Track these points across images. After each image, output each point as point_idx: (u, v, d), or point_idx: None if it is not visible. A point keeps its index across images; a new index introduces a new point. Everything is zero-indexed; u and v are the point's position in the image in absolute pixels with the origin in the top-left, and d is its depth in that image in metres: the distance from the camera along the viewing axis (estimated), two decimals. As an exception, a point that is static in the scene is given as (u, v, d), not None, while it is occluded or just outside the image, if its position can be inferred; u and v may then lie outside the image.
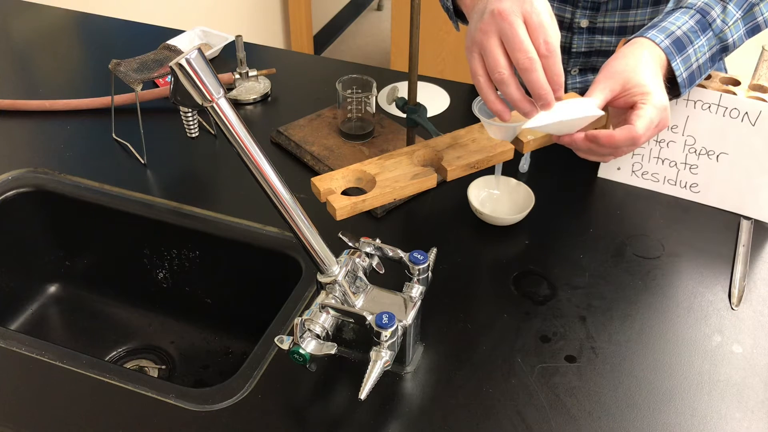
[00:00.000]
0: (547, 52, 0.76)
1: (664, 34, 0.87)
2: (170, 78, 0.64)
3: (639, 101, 0.82)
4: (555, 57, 0.76)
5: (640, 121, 0.80)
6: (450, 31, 2.63)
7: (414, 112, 1.01)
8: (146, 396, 0.78)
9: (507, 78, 0.77)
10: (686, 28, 0.88)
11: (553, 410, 0.76)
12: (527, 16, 0.76)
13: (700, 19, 0.88)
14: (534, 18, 0.75)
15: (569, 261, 0.93)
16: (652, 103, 0.81)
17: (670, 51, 0.87)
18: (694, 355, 0.82)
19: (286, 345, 0.73)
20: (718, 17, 0.89)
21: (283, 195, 0.69)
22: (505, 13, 0.75)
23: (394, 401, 0.78)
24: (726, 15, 0.89)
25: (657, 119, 0.82)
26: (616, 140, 0.80)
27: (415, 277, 0.77)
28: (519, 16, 0.75)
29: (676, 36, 0.87)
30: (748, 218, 0.99)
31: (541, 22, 0.76)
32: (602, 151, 0.83)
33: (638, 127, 0.80)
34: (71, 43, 1.44)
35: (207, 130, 1.16)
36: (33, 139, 1.16)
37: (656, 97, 0.82)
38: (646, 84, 0.83)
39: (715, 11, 0.89)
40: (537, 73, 0.76)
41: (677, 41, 0.87)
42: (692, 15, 0.89)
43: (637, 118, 0.81)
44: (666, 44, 0.87)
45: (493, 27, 0.76)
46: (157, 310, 1.11)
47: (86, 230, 1.09)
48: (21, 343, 0.83)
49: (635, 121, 0.81)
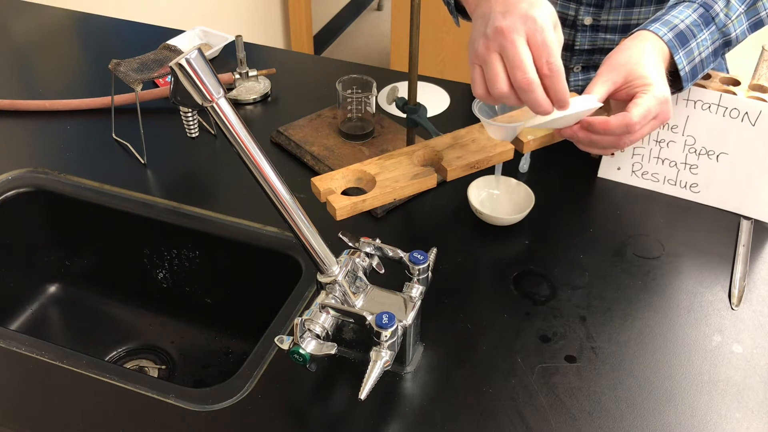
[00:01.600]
0: (550, 72, 0.75)
1: (667, 27, 0.88)
2: (170, 78, 0.64)
3: (640, 92, 0.82)
4: (558, 76, 0.75)
5: (636, 109, 0.81)
6: (450, 32, 2.63)
7: (414, 112, 1.01)
8: (146, 396, 0.78)
9: (506, 93, 0.77)
10: (689, 22, 0.88)
11: (553, 410, 0.76)
12: (530, 35, 0.75)
13: (704, 13, 0.89)
14: (537, 37, 0.75)
15: (569, 261, 0.93)
16: (651, 93, 0.82)
17: (673, 44, 0.87)
18: (694, 355, 0.82)
19: (286, 345, 0.73)
20: (722, 11, 0.89)
21: (283, 195, 0.69)
22: (508, 30, 0.74)
23: (394, 401, 0.78)
24: (729, 9, 0.89)
25: (656, 110, 0.82)
26: (611, 126, 0.80)
27: (415, 277, 0.77)
28: (522, 35, 0.74)
29: (680, 29, 0.87)
30: (748, 218, 0.99)
31: (544, 40, 0.75)
32: (600, 140, 0.83)
33: (633, 115, 0.80)
34: (71, 43, 1.44)
35: (207, 130, 1.16)
36: (33, 139, 1.16)
37: (657, 89, 0.82)
38: (647, 76, 0.83)
39: (719, 5, 0.89)
40: (535, 93, 0.75)
41: (680, 34, 0.87)
42: (695, 9, 0.89)
43: (635, 106, 0.81)
44: (669, 37, 0.87)
45: (495, 44, 0.75)
46: (157, 310, 1.11)
47: (86, 230, 1.09)
48: (21, 343, 0.83)
49: (632, 108, 0.81)
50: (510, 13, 0.75)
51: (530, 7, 0.75)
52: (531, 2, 0.76)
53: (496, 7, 0.77)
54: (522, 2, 0.76)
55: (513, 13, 0.75)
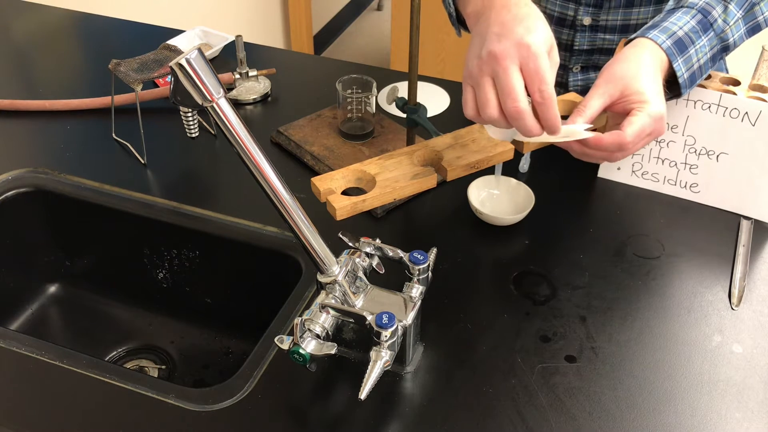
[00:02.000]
0: (542, 100, 0.75)
1: (665, 34, 0.87)
2: (170, 78, 0.64)
3: (635, 108, 0.82)
4: (550, 104, 0.75)
5: (630, 127, 0.81)
6: (450, 32, 2.64)
7: (414, 112, 1.01)
8: (146, 396, 0.78)
9: (496, 118, 0.77)
10: (688, 29, 0.88)
11: (553, 410, 0.76)
12: (524, 63, 0.74)
13: (702, 19, 0.88)
14: (531, 65, 0.74)
15: (569, 261, 0.93)
16: (647, 111, 0.82)
17: (671, 51, 0.87)
18: (694, 355, 0.82)
19: (286, 345, 0.73)
20: (720, 17, 0.89)
21: (283, 195, 0.69)
22: (501, 57, 0.74)
23: (394, 401, 0.78)
24: (727, 15, 0.89)
25: (650, 128, 0.82)
26: (604, 144, 0.81)
27: (415, 277, 0.77)
28: (515, 62, 0.74)
29: (678, 36, 0.87)
30: (748, 218, 0.99)
31: (537, 68, 0.74)
32: (593, 154, 0.83)
33: (627, 134, 0.80)
34: (71, 43, 1.44)
35: (207, 130, 1.16)
36: (33, 139, 1.16)
37: (652, 106, 0.82)
38: (644, 92, 0.82)
39: (717, 11, 0.89)
40: (524, 121, 0.75)
41: (679, 41, 0.87)
42: (694, 15, 0.89)
43: (629, 125, 0.81)
44: (668, 45, 0.87)
45: (488, 68, 0.75)
46: (157, 310, 1.11)
47: (86, 230, 1.09)
48: (21, 343, 0.83)
49: (626, 127, 0.81)
50: (505, 37, 0.75)
51: (526, 33, 0.74)
52: (527, 27, 0.75)
53: (492, 28, 0.76)
54: (518, 26, 0.75)
55: (508, 37, 0.75)
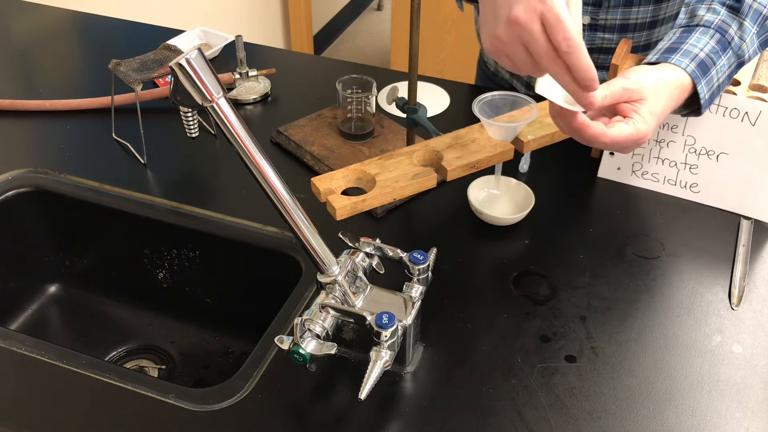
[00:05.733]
0: (568, 48, 0.71)
1: (688, 58, 0.86)
2: (170, 78, 0.64)
3: (628, 116, 0.81)
4: (577, 51, 0.71)
5: (613, 131, 0.79)
6: (450, 32, 2.63)
7: (414, 112, 1.01)
8: (146, 396, 0.78)
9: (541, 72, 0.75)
10: (708, 50, 0.87)
11: (553, 410, 0.76)
12: (543, 16, 0.71)
13: (720, 39, 0.88)
14: (550, 16, 0.71)
15: (569, 261, 0.93)
16: (635, 126, 0.80)
17: (696, 75, 0.86)
18: (694, 355, 0.82)
19: (286, 345, 0.73)
20: (736, 34, 0.88)
21: (283, 195, 0.69)
22: (522, 21, 0.72)
23: (394, 401, 0.78)
24: (743, 32, 0.88)
25: (627, 144, 0.81)
26: (585, 133, 0.79)
27: (415, 277, 0.77)
28: (536, 21, 0.72)
29: (700, 59, 0.86)
30: (748, 218, 0.99)
31: (557, 17, 0.71)
32: (574, 136, 0.81)
33: (609, 134, 0.79)
34: (71, 43, 1.44)
35: (207, 130, 1.16)
36: (33, 139, 1.16)
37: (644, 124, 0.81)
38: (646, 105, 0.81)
39: (732, 28, 0.88)
40: (567, 76, 0.73)
41: (702, 64, 0.86)
42: (712, 35, 0.88)
43: (614, 129, 0.79)
44: (692, 68, 0.86)
45: (513, 36, 0.73)
46: (157, 310, 1.11)
47: (86, 230, 1.09)
48: (21, 343, 0.83)
49: (611, 126, 0.79)
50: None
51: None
52: None
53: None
54: None
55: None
